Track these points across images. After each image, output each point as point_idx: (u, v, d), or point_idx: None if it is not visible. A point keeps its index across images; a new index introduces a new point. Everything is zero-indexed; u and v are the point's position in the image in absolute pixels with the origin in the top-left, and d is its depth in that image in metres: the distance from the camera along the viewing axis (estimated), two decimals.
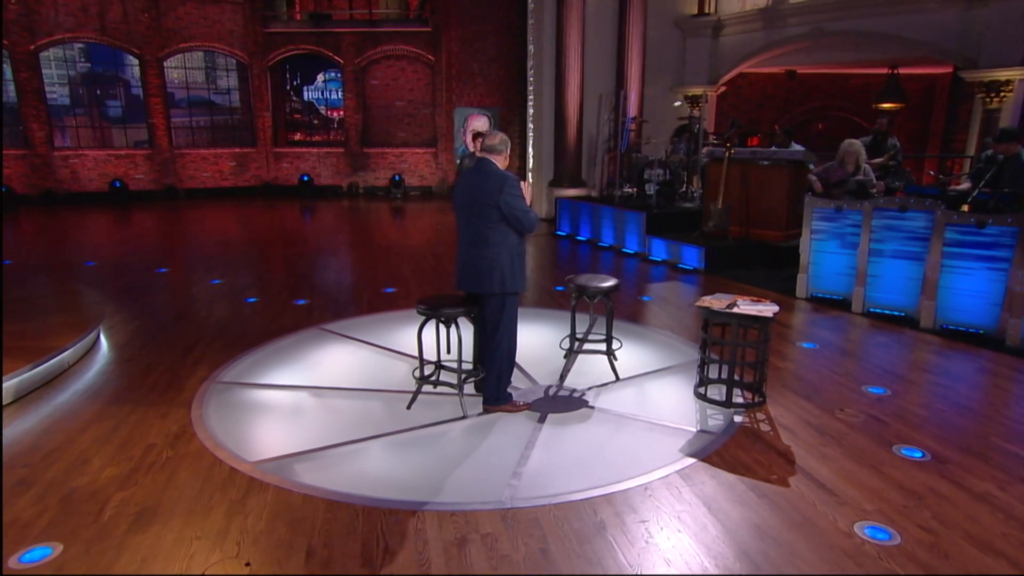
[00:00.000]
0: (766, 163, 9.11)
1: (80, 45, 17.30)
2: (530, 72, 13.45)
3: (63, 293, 6.78)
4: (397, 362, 5.31)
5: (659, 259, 9.26)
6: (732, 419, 4.22)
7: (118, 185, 16.51)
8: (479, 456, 3.82)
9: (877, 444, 3.93)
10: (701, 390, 4.52)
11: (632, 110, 12.49)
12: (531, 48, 13.34)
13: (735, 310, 4.21)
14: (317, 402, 4.63)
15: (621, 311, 6.76)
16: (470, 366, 4.63)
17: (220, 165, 18.29)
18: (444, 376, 4.61)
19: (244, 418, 4.29)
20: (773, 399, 4.55)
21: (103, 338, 5.92)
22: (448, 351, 4.54)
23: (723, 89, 14.20)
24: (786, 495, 3.38)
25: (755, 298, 4.45)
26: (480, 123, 13.23)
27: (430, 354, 4.68)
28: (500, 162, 4.22)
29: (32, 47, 15.35)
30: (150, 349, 5.58)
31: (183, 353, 5.47)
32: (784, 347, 5.66)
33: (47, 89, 16.58)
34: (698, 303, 4.38)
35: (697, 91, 13.54)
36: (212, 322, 6.43)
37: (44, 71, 16.80)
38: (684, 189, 10.56)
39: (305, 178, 18.61)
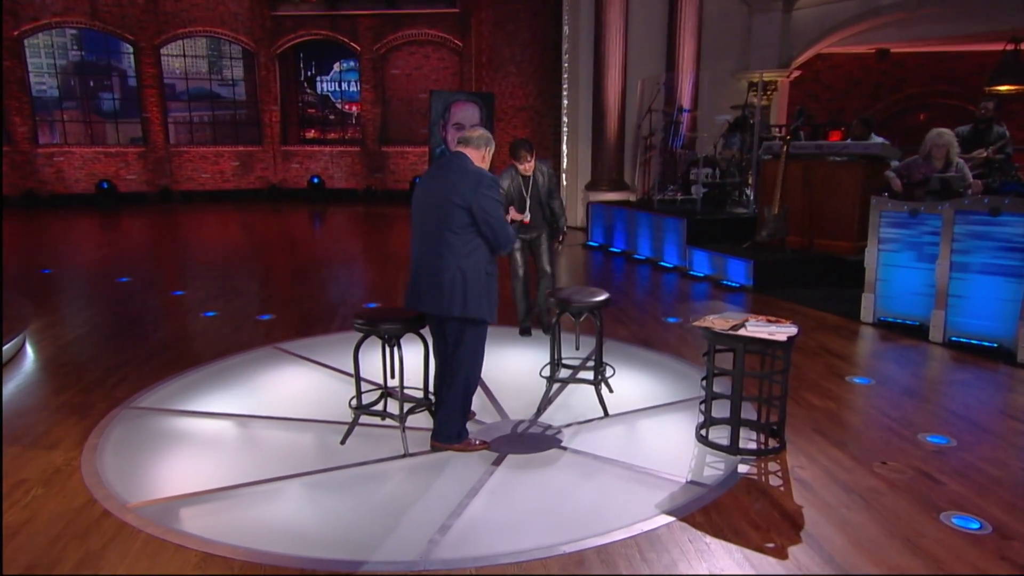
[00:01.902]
0: (835, 159, 8.68)
1: (73, 31, 18.10)
2: (565, 56, 13.29)
3: None
4: (351, 387, 5.13)
5: (701, 274, 8.91)
6: (735, 469, 3.88)
7: (106, 186, 17.05)
8: (408, 504, 3.59)
9: (920, 508, 3.52)
10: (703, 432, 4.19)
11: (685, 100, 12.17)
12: (566, 28, 13.19)
13: (740, 332, 3.87)
14: (240, 433, 4.50)
15: (638, 334, 6.46)
16: (420, 393, 4.43)
17: (221, 165, 18.73)
18: (392, 406, 4.41)
19: (147, 450, 4.18)
20: (796, 445, 4.17)
21: (30, 352, 5.97)
22: (392, 375, 4.34)
23: (797, 74, 13.73)
24: (779, 570, 3.02)
25: (772, 317, 4.10)
26: (467, 113, 11.44)
27: (380, 378, 4.50)
28: (476, 159, 4.02)
29: (16, 32, 16.08)
30: (73, 367, 5.57)
31: (108, 372, 5.44)
32: (828, 382, 5.25)
33: (34, 80, 17.36)
34: (696, 322, 4.06)
35: (765, 76, 13.11)
36: (156, 338, 6.42)
37: (33, 60, 17.63)
38: (737, 192, 10.16)
39: (315, 180, 18.87)
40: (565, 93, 13.38)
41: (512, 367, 5.46)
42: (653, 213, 9.92)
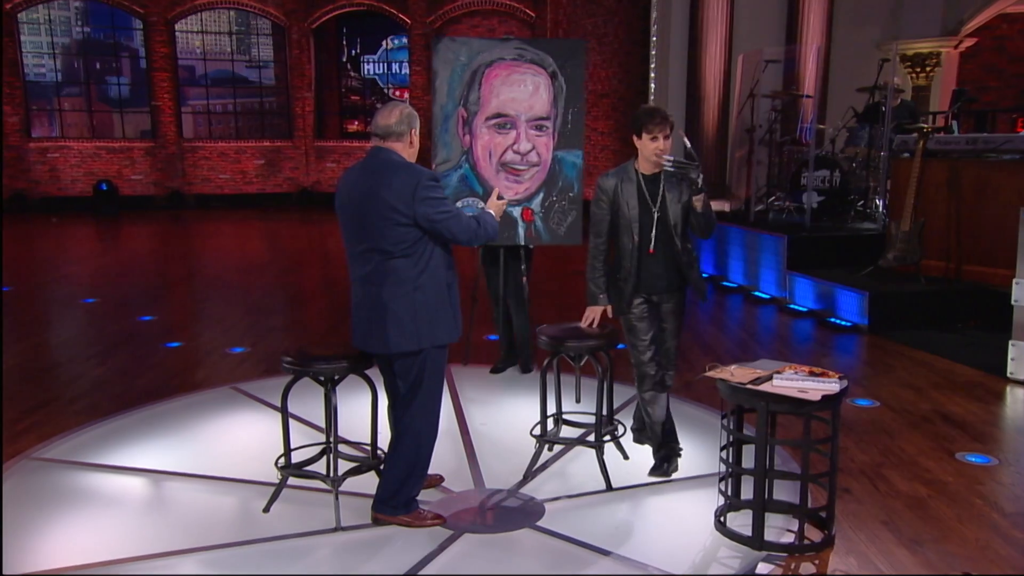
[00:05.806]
0: (996, 158, 8.29)
1: (77, 3, 19.34)
2: (653, 28, 13.23)
3: None
4: (307, 439, 5.20)
5: (804, 308, 8.64)
6: (754, 568, 3.68)
7: (104, 188, 17.98)
8: None
9: None
10: (723, 518, 4.00)
11: (809, 83, 11.89)
12: None
13: (763, 387, 3.69)
14: (150, 493, 4.63)
15: (693, 385, 6.27)
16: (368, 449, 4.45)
17: (244, 164, 19.50)
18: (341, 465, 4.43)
19: (30, 512, 4.31)
20: (849, 542, 3.93)
21: None
22: (331, 428, 4.36)
23: (970, 43, 13.22)
24: None
25: (817, 369, 3.89)
26: (520, 91, 6.32)
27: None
28: (403, 150, 3.94)
29: (8, 6, 17.26)
30: None
31: (22, 415, 5.67)
32: (931, 458, 4.95)
33: (32, 62, 18.60)
34: (711, 372, 3.90)
35: (923, 48, 12.66)
36: (98, 373, 6.69)
37: (31, 38, 18.90)
38: (862, 201, 9.81)
39: None
40: (653, 76, 13.30)
41: (507, 420, 5.42)
42: (747, 228, 9.71)
